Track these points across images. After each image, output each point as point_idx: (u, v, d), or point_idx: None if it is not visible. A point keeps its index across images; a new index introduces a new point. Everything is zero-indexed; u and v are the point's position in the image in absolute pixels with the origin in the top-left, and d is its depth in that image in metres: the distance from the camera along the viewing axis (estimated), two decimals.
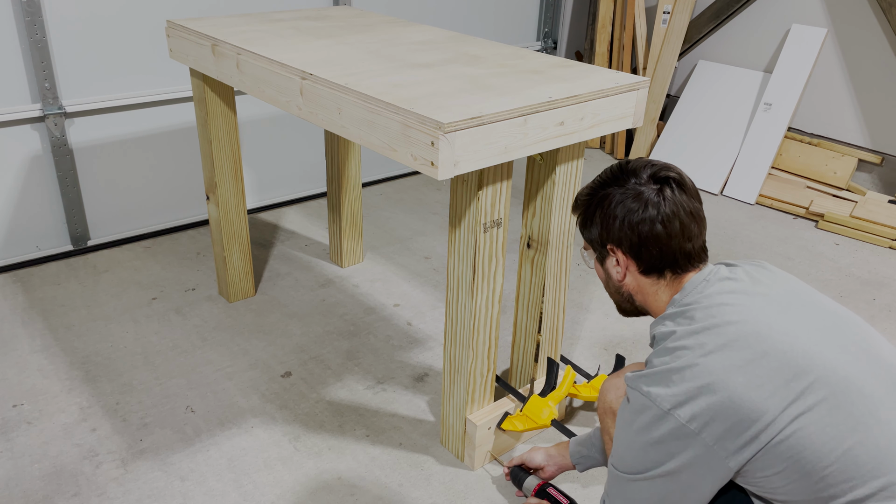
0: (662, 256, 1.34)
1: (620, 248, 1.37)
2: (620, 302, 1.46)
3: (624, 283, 1.41)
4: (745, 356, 1.18)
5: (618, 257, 1.38)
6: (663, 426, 1.21)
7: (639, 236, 1.34)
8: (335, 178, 2.74)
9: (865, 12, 3.52)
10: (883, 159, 3.63)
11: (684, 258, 1.34)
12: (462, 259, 1.73)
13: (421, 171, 1.55)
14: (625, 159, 1.42)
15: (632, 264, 1.38)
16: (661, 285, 1.37)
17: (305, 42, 2.04)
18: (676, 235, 1.32)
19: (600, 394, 1.55)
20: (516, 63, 1.88)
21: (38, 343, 2.40)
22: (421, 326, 2.56)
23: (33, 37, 2.60)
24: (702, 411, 1.18)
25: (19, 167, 2.75)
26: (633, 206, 1.33)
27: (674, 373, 1.22)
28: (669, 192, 1.33)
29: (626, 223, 1.34)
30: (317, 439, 2.03)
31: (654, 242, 1.33)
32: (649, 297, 1.40)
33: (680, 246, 1.33)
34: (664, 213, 1.32)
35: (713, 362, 1.19)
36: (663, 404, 1.21)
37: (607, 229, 1.37)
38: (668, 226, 1.32)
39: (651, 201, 1.33)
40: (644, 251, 1.35)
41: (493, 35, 4.09)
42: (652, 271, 1.36)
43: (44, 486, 1.84)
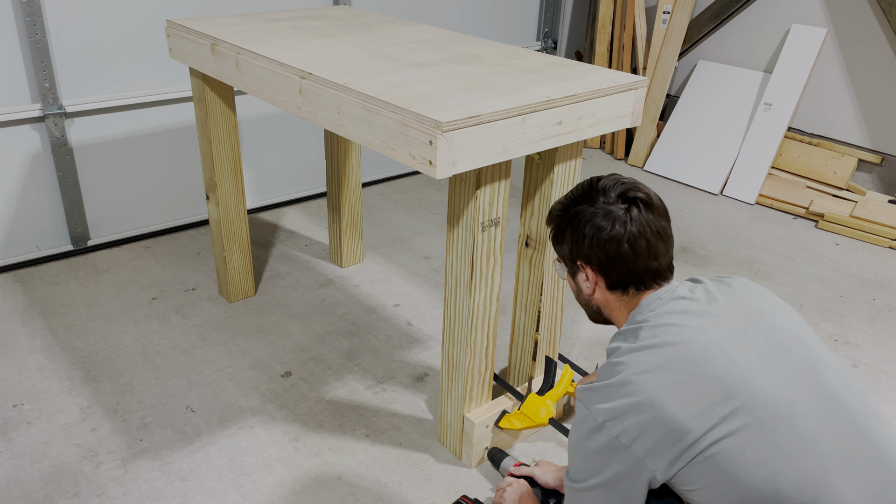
0: (629, 274, 1.39)
1: (589, 265, 1.42)
2: (590, 313, 1.53)
3: (593, 297, 1.46)
4: (677, 378, 1.23)
5: (587, 273, 1.44)
6: (599, 437, 1.28)
7: (606, 254, 1.39)
8: (335, 178, 2.74)
9: (865, 12, 3.52)
10: (883, 159, 3.63)
11: (650, 276, 1.39)
12: (460, 258, 1.73)
13: (419, 171, 1.56)
14: (596, 177, 1.46)
15: (600, 280, 1.43)
16: (623, 301, 1.43)
17: (305, 41, 2.04)
18: (643, 254, 1.37)
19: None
20: (515, 62, 1.88)
21: (38, 343, 2.40)
22: (421, 326, 2.57)
23: (33, 37, 2.60)
24: (631, 426, 1.24)
25: (19, 167, 2.76)
26: (601, 225, 1.38)
27: (611, 388, 1.28)
28: (636, 212, 1.38)
29: (594, 241, 1.39)
30: (317, 439, 2.03)
31: (621, 261, 1.38)
32: (614, 311, 1.46)
33: (646, 264, 1.38)
34: (631, 232, 1.37)
35: (645, 381, 1.24)
36: (598, 417, 1.27)
37: (577, 246, 1.42)
38: (635, 245, 1.37)
39: (619, 220, 1.37)
40: (611, 269, 1.40)
41: (493, 35, 4.09)
42: (618, 287, 1.42)
43: (44, 486, 1.85)
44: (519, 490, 1.71)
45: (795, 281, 2.98)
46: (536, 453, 2.00)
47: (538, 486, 1.73)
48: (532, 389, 2.00)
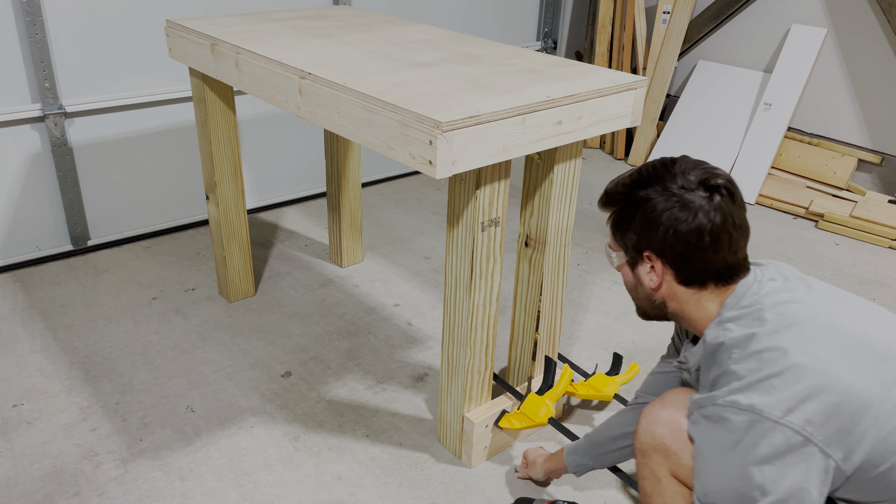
0: (706, 269, 1.27)
1: (661, 257, 1.29)
2: (648, 308, 1.39)
3: (658, 291, 1.33)
4: (836, 349, 1.14)
5: (654, 265, 1.30)
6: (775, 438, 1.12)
7: (684, 247, 1.25)
8: (335, 178, 2.74)
9: (865, 12, 3.52)
10: (883, 159, 3.63)
11: (728, 270, 1.27)
12: (460, 258, 1.73)
13: (419, 171, 1.56)
14: (668, 157, 1.31)
15: (669, 273, 1.30)
16: (703, 295, 1.29)
17: (304, 41, 2.04)
18: (723, 248, 1.25)
19: (643, 430, 1.35)
20: (515, 62, 1.88)
21: (38, 343, 2.40)
22: (421, 326, 2.57)
23: (33, 37, 2.60)
24: (814, 414, 1.11)
25: (19, 167, 2.76)
26: (680, 216, 1.24)
27: (773, 378, 1.14)
28: (720, 201, 1.24)
29: (671, 233, 1.25)
30: (317, 439, 2.03)
31: (699, 254, 1.25)
32: (688, 305, 1.31)
33: (724, 259, 1.26)
34: (715, 223, 1.23)
35: (813, 360, 1.13)
36: (772, 413, 1.12)
37: (647, 236, 1.28)
38: (717, 238, 1.24)
39: (701, 209, 1.23)
40: (686, 263, 1.27)
41: (493, 35, 4.09)
42: (692, 283, 1.29)
43: (44, 486, 1.85)
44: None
45: None
46: None
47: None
48: (532, 389, 2.00)
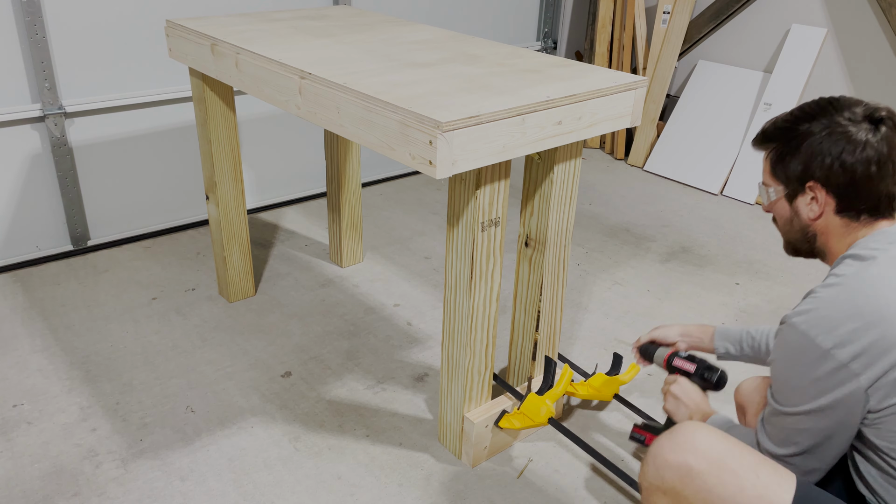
0: (868, 197, 1.32)
1: (826, 186, 1.33)
2: (798, 241, 1.44)
3: (815, 223, 1.38)
4: None
5: (817, 195, 1.35)
6: (823, 365, 1.22)
7: (852, 176, 1.30)
8: (335, 178, 2.74)
9: (865, 12, 3.52)
10: None
11: (886, 201, 1.33)
12: (460, 258, 1.73)
13: (419, 171, 1.56)
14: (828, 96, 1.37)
15: (831, 203, 1.34)
16: (851, 227, 1.35)
17: (304, 41, 2.04)
18: (888, 177, 1.30)
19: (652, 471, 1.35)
20: (515, 62, 1.88)
21: (38, 343, 2.40)
22: (421, 326, 2.57)
23: (33, 37, 2.60)
24: (863, 350, 1.18)
25: (19, 167, 2.76)
26: (847, 147, 1.30)
27: (835, 312, 1.22)
28: (886, 132, 1.30)
29: (838, 161, 1.30)
30: (317, 439, 2.03)
31: (865, 183, 1.30)
32: (832, 238, 1.37)
33: (887, 188, 1.31)
34: (882, 153, 1.29)
35: (879, 299, 1.19)
36: (824, 343, 1.21)
37: (814, 166, 1.33)
38: (883, 167, 1.29)
39: (868, 142, 1.29)
40: (851, 192, 1.32)
41: (493, 35, 4.10)
42: (849, 211, 1.34)
43: (44, 486, 1.85)
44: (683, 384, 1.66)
45: (795, 281, 2.98)
46: (536, 453, 2.00)
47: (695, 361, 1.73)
48: (532, 389, 2.00)
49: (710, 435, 1.29)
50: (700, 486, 1.25)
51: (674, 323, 1.75)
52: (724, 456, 1.26)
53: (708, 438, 1.28)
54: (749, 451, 1.27)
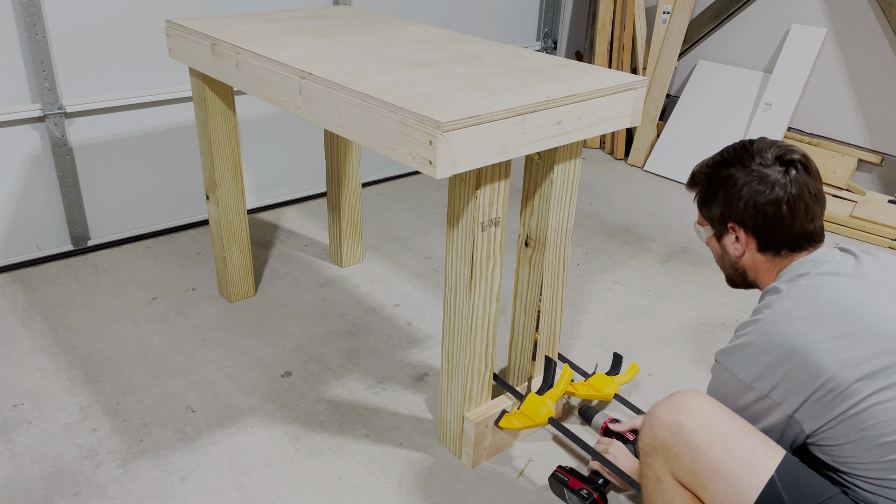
0: (784, 236, 1.40)
1: (743, 227, 1.43)
2: (733, 276, 1.54)
3: (741, 259, 1.47)
4: (832, 332, 1.25)
5: (738, 235, 1.45)
6: (747, 396, 1.31)
7: (764, 217, 1.39)
8: (335, 178, 2.74)
9: (865, 12, 3.52)
10: (883, 159, 3.63)
11: (804, 238, 1.40)
12: (460, 258, 1.73)
13: (419, 171, 1.56)
14: (747, 140, 1.46)
15: (752, 242, 1.44)
16: (774, 262, 1.44)
17: (304, 41, 2.04)
18: (800, 216, 1.38)
19: (646, 431, 1.41)
20: (515, 62, 1.88)
21: (38, 343, 2.40)
22: (421, 326, 2.57)
23: (33, 37, 2.60)
24: (781, 382, 1.27)
25: (19, 167, 2.76)
26: (759, 188, 1.38)
27: (756, 346, 1.30)
28: (795, 174, 1.38)
29: (751, 204, 1.39)
30: (317, 439, 2.03)
31: (778, 223, 1.39)
32: (761, 273, 1.46)
33: (802, 227, 1.39)
34: (791, 194, 1.37)
35: (796, 331, 1.26)
36: (745, 378, 1.31)
37: (731, 209, 1.43)
38: (794, 207, 1.37)
39: (778, 183, 1.37)
40: (767, 231, 1.40)
41: (493, 35, 4.10)
42: (769, 249, 1.43)
43: (44, 486, 1.85)
44: (622, 447, 1.77)
45: None
46: (536, 453, 2.00)
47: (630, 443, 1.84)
48: (532, 389, 2.01)
49: (705, 400, 1.36)
50: (688, 442, 1.32)
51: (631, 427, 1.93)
52: (715, 418, 1.32)
53: (702, 402, 1.35)
54: (741, 420, 1.33)
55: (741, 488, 1.25)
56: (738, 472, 1.26)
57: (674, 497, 1.37)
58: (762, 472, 1.25)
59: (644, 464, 1.43)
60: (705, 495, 1.31)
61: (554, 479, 1.80)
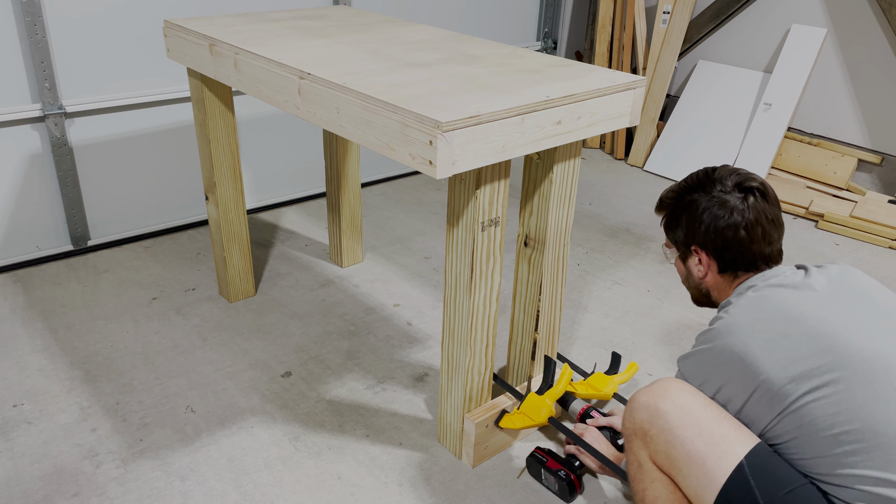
0: (743, 259, 1.49)
1: (705, 250, 1.52)
2: (697, 296, 1.63)
3: (704, 280, 1.56)
4: (768, 336, 1.31)
5: (700, 257, 1.54)
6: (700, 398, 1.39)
7: (723, 240, 1.48)
8: (334, 178, 2.74)
9: (865, 12, 3.52)
10: (883, 159, 3.63)
11: (762, 260, 1.49)
12: (460, 258, 1.73)
13: (419, 171, 1.56)
14: (710, 167, 1.56)
15: (713, 264, 1.53)
16: (733, 283, 1.52)
17: (304, 41, 2.04)
18: (758, 240, 1.47)
19: (627, 415, 1.49)
20: (514, 62, 1.88)
21: (38, 343, 2.40)
22: (421, 326, 2.57)
23: (33, 37, 2.60)
24: (724, 387, 1.36)
25: (19, 167, 2.76)
26: (718, 213, 1.48)
27: (703, 353, 1.40)
28: (753, 200, 1.47)
29: (711, 228, 1.49)
30: (317, 439, 2.03)
31: (737, 246, 1.48)
32: (723, 292, 1.55)
33: (760, 250, 1.48)
34: (748, 219, 1.46)
35: (736, 338, 1.34)
36: (692, 382, 1.42)
37: (693, 232, 1.52)
38: (751, 231, 1.46)
39: (736, 209, 1.47)
40: (727, 253, 1.49)
41: (492, 35, 4.10)
42: (728, 270, 1.51)
43: (44, 486, 1.85)
44: (597, 433, 1.84)
45: None
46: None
47: (606, 429, 1.89)
48: (531, 389, 2.01)
49: (684, 387, 1.42)
50: (663, 424, 1.38)
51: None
52: (691, 404, 1.39)
53: (681, 389, 1.42)
54: (717, 408, 1.38)
55: (711, 472, 1.31)
56: (709, 454, 1.32)
57: (653, 481, 1.44)
58: (731, 458, 1.30)
59: (627, 449, 1.50)
60: (679, 478, 1.38)
61: (532, 458, 1.86)
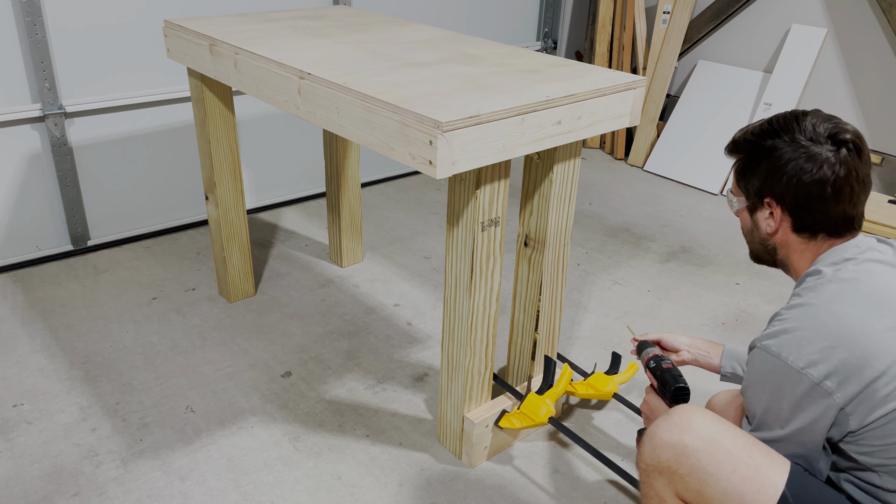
0: (824, 219, 1.31)
1: (781, 204, 1.34)
2: (760, 252, 1.45)
3: (773, 237, 1.39)
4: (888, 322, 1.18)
5: (774, 211, 1.36)
6: (796, 386, 1.22)
7: (806, 196, 1.30)
8: (334, 178, 2.74)
9: (865, 12, 3.52)
10: (883, 159, 3.63)
11: (844, 224, 1.32)
12: (460, 258, 1.73)
13: (419, 171, 1.56)
14: (799, 110, 1.36)
15: (787, 220, 1.35)
16: (809, 245, 1.35)
17: (303, 41, 2.04)
18: (844, 201, 1.29)
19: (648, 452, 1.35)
20: (514, 62, 1.88)
21: (38, 343, 2.40)
22: (421, 326, 2.57)
23: (33, 37, 2.60)
24: (836, 371, 1.18)
25: (19, 167, 2.76)
26: (806, 166, 1.29)
27: (808, 331, 1.21)
28: (846, 154, 1.28)
29: (794, 181, 1.30)
30: (317, 439, 2.03)
31: (820, 205, 1.30)
32: (794, 253, 1.38)
33: (844, 211, 1.30)
34: (839, 175, 1.28)
35: (853, 319, 1.19)
36: (796, 364, 1.21)
37: (772, 183, 1.33)
38: (839, 190, 1.28)
39: (827, 162, 1.28)
40: (806, 211, 1.32)
41: (493, 35, 4.10)
42: (805, 230, 1.34)
43: (44, 486, 1.85)
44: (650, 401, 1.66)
45: None
46: (536, 453, 2.00)
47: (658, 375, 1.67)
48: (531, 389, 2.01)
49: (706, 416, 1.30)
50: (694, 464, 1.27)
51: (687, 335, 1.72)
52: (719, 436, 1.26)
53: (703, 419, 1.29)
54: (743, 434, 1.28)
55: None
56: (747, 489, 1.22)
57: None
58: (771, 489, 1.21)
59: (645, 483, 1.39)
60: None
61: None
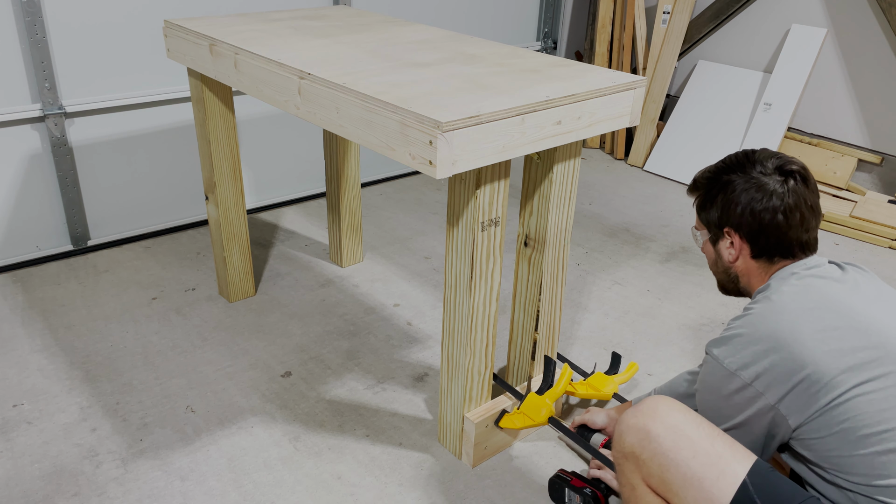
0: (778, 244, 1.43)
1: (738, 232, 1.46)
2: (725, 281, 1.57)
3: (734, 265, 1.51)
4: (819, 325, 1.29)
5: (733, 240, 1.48)
6: (731, 385, 1.35)
7: (759, 224, 1.43)
8: (334, 178, 2.74)
9: (865, 12, 3.52)
10: (883, 159, 3.63)
11: (798, 247, 1.44)
12: (460, 258, 1.73)
13: (419, 171, 1.56)
14: (749, 149, 1.51)
15: (746, 248, 1.47)
16: (769, 270, 1.47)
17: (303, 41, 2.04)
18: (795, 226, 1.42)
19: (616, 438, 1.44)
20: (514, 62, 1.88)
21: (38, 343, 2.41)
22: (421, 326, 2.57)
23: (33, 37, 2.60)
24: (765, 373, 1.30)
25: (19, 167, 2.76)
26: (756, 196, 1.42)
27: (744, 336, 1.34)
28: (793, 184, 1.42)
29: (748, 210, 1.43)
30: (317, 439, 2.03)
31: (774, 231, 1.42)
32: (753, 279, 1.50)
33: (797, 236, 1.43)
34: (787, 203, 1.41)
35: (784, 324, 1.30)
36: (730, 366, 1.34)
37: (728, 214, 1.47)
38: (789, 216, 1.41)
39: (775, 192, 1.41)
40: (761, 238, 1.44)
41: (492, 35, 4.10)
42: (762, 255, 1.46)
43: (44, 486, 1.85)
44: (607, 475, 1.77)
45: None
46: (536, 453, 2.00)
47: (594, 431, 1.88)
48: (531, 389, 2.01)
49: (673, 405, 1.38)
50: (656, 448, 1.33)
51: (601, 409, 1.95)
52: (682, 423, 1.34)
53: (669, 408, 1.37)
54: (709, 424, 1.35)
55: (710, 493, 1.27)
56: (707, 475, 1.28)
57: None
58: (731, 477, 1.27)
59: (619, 471, 1.45)
60: (676, 501, 1.33)
61: (557, 478, 1.80)
